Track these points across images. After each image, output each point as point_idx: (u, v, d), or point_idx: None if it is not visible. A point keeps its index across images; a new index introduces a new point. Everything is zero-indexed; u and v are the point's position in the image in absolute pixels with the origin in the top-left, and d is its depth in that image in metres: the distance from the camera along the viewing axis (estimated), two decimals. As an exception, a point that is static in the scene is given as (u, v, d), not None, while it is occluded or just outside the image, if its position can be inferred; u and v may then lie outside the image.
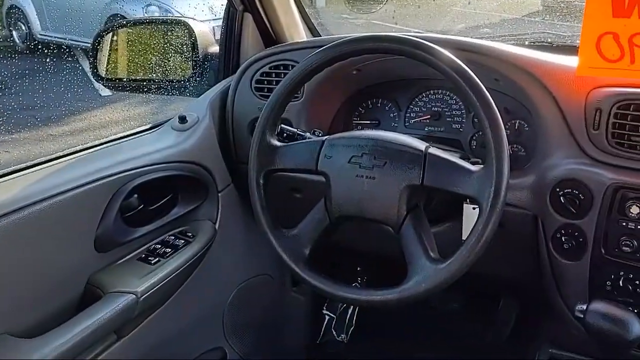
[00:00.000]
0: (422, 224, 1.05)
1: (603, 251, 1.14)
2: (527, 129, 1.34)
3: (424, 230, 1.05)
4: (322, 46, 1.12)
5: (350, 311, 2.04)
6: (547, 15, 1.72)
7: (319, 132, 1.33)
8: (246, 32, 1.63)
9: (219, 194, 1.51)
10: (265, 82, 1.52)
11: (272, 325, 1.83)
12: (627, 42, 1.04)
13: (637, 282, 1.13)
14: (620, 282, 1.14)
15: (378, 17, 1.95)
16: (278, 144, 1.17)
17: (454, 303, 1.99)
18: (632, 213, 1.09)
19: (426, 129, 1.48)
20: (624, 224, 1.11)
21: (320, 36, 1.72)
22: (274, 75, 1.51)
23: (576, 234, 1.16)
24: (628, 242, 1.11)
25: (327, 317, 2.03)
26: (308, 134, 1.30)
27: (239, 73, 1.56)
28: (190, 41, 1.72)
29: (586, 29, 1.07)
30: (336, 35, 1.24)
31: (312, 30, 1.73)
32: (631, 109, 1.08)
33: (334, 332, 2.02)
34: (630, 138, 1.09)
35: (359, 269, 2.05)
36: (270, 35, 1.65)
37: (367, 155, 1.06)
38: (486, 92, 0.99)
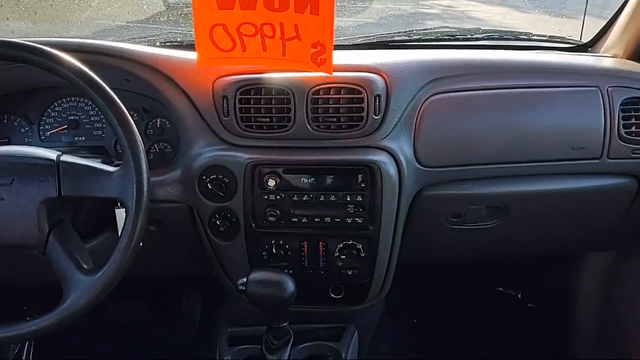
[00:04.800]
0: (69, 238, 0.99)
1: (254, 225, 1.24)
2: (168, 125, 1.36)
3: (72, 243, 0.98)
4: None
5: (24, 355, 1.79)
6: (171, 15, 1.78)
7: None
8: None
9: None
10: None
11: None
12: (236, 32, 1.13)
13: (287, 246, 1.27)
14: (274, 250, 1.27)
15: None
16: None
17: (137, 313, 1.92)
18: (270, 186, 1.21)
19: (65, 140, 1.38)
20: (266, 197, 1.22)
21: None
22: None
23: (229, 215, 1.23)
24: (272, 212, 1.23)
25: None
26: None
27: None
28: None
29: (197, 23, 1.12)
30: None
31: None
32: (252, 93, 1.19)
33: (8, 388, 1.74)
34: (257, 119, 1.20)
35: (25, 308, 1.81)
36: None
37: None
38: (110, 92, 0.96)
